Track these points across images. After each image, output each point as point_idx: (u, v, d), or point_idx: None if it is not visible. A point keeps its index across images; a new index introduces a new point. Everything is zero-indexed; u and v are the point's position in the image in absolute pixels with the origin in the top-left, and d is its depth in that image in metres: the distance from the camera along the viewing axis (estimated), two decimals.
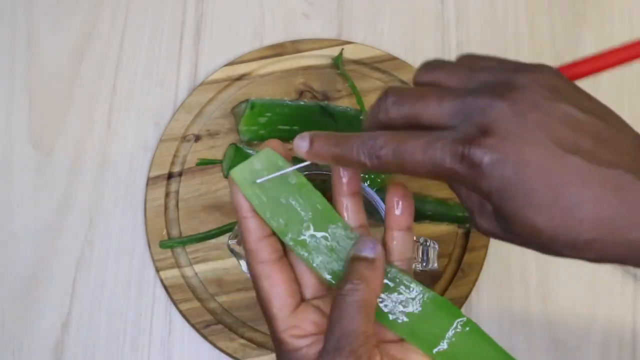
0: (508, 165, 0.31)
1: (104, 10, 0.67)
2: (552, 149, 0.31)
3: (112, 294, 0.59)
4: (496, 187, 0.31)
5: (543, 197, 0.31)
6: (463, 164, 0.31)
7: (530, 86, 0.32)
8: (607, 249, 0.31)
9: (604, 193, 0.31)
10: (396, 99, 0.34)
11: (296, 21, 0.67)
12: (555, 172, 0.31)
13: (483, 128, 0.31)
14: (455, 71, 0.35)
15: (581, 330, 0.58)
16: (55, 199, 0.61)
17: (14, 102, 0.64)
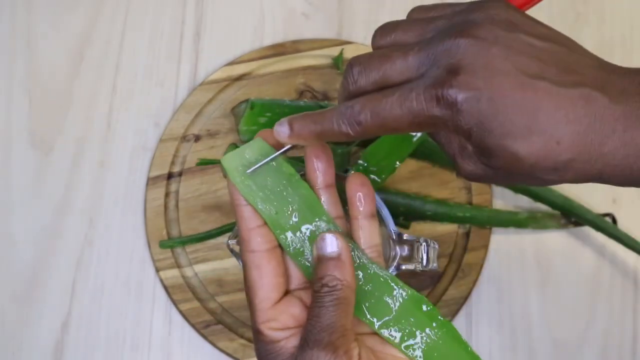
0: (482, 99, 0.31)
1: (104, 11, 0.67)
2: (520, 77, 0.32)
3: (112, 294, 0.59)
4: (475, 122, 0.32)
5: (520, 125, 0.32)
6: (440, 106, 0.32)
7: (487, 21, 0.33)
8: (586, 166, 0.32)
9: (575, 111, 0.32)
10: (361, 68, 0.34)
11: (296, 21, 0.67)
12: (527, 99, 0.32)
13: (451, 68, 0.32)
14: (410, 27, 0.36)
15: (581, 330, 0.58)
16: (55, 199, 0.61)
17: (14, 102, 0.64)
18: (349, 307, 0.35)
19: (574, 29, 0.67)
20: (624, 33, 0.67)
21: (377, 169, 0.59)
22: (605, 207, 0.61)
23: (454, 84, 0.32)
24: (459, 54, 0.32)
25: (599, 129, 0.32)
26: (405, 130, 0.34)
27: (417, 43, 0.34)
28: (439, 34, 0.34)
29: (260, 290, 0.36)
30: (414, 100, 0.32)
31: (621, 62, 0.66)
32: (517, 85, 0.32)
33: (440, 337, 0.37)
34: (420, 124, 0.33)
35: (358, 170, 0.59)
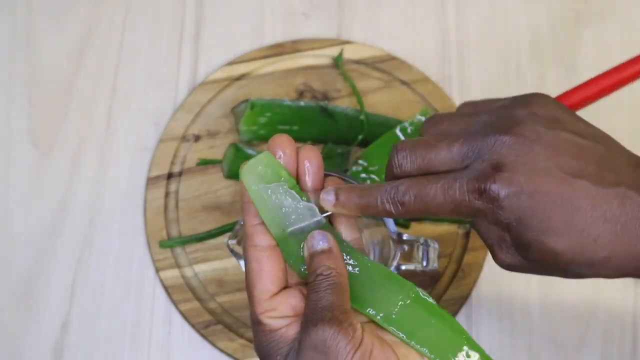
0: (523, 196, 0.33)
1: (104, 10, 0.67)
2: (560, 176, 0.33)
3: (112, 294, 0.59)
4: (515, 218, 0.34)
5: (559, 222, 0.33)
6: (482, 200, 0.34)
7: (530, 118, 0.35)
8: (623, 263, 0.34)
9: (612, 210, 0.33)
10: (406, 153, 0.37)
11: (296, 21, 0.67)
12: (566, 197, 0.33)
13: (495, 164, 0.34)
14: (458, 120, 0.38)
15: (581, 330, 0.58)
16: (55, 199, 0.61)
17: (14, 101, 0.64)
18: (345, 292, 0.36)
19: (574, 29, 0.67)
20: (624, 33, 0.67)
21: (377, 169, 0.59)
22: None
23: (497, 179, 0.33)
24: (503, 151, 0.34)
25: (634, 228, 0.33)
26: (446, 216, 0.35)
27: (462, 135, 0.36)
28: (483, 128, 0.36)
29: (259, 282, 0.37)
30: (457, 190, 0.34)
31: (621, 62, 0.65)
32: (557, 183, 0.33)
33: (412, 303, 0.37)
34: (460, 213, 0.35)
35: (358, 171, 0.59)
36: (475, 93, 0.65)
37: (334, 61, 0.65)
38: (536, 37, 0.67)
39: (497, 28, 0.67)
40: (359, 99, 0.62)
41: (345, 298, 0.35)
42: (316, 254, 0.37)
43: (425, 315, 0.36)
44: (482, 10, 0.68)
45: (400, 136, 0.60)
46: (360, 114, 0.62)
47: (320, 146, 0.62)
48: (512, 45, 0.66)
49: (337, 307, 0.35)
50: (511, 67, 0.66)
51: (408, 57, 0.65)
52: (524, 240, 0.34)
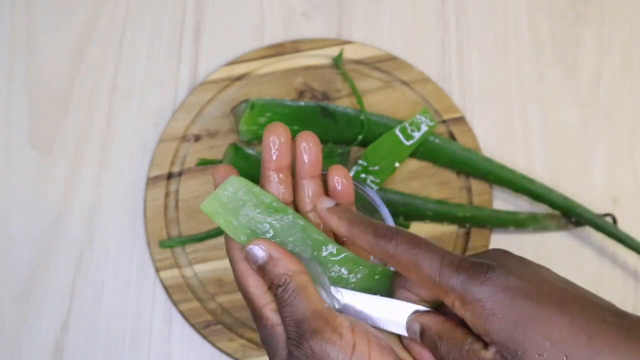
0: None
1: (104, 11, 0.67)
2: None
3: (112, 294, 0.59)
4: None
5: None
6: None
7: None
8: None
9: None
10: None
11: (296, 21, 0.67)
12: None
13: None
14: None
15: None
16: (55, 199, 0.61)
17: (14, 101, 0.64)
18: (308, 291, 0.35)
19: (574, 29, 0.67)
20: (624, 33, 0.67)
21: (377, 169, 0.59)
22: (605, 207, 0.61)
23: None
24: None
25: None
26: None
27: None
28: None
29: (250, 278, 0.37)
30: None
31: (621, 62, 0.66)
32: None
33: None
34: None
35: (358, 171, 0.59)
36: (475, 93, 0.65)
37: (334, 61, 0.65)
38: (536, 37, 0.67)
39: (497, 28, 0.67)
40: (359, 99, 0.62)
41: (312, 297, 0.35)
42: (261, 267, 0.36)
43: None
44: (482, 10, 0.68)
45: (400, 136, 0.60)
46: (360, 114, 0.62)
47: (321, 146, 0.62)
48: (512, 45, 0.66)
49: (310, 315, 0.34)
50: (511, 67, 0.66)
51: (408, 57, 0.65)
52: None
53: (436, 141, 0.61)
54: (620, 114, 0.64)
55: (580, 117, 0.64)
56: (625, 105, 0.65)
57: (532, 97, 0.65)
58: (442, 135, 0.62)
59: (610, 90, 0.65)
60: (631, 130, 0.64)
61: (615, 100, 0.65)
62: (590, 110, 0.64)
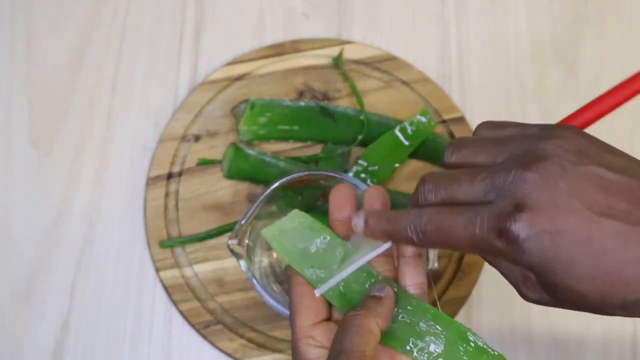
0: (545, 238, 0.31)
1: (104, 10, 0.67)
2: (586, 215, 0.31)
3: (112, 294, 0.59)
4: (537, 261, 0.32)
5: (585, 266, 0.31)
6: (502, 240, 0.32)
7: (556, 153, 0.33)
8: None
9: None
10: (432, 186, 0.36)
11: (296, 21, 0.67)
12: (593, 238, 0.31)
13: (516, 203, 0.32)
14: (480, 147, 0.36)
15: (581, 330, 0.58)
16: (55, 199, 0.61)
17: (14, 102, 0.64)
18: (370, 335, 0.36)
19: (574, 29, 0.67)
20: (624, 33, 0.67)
21: (377, 169, 0.59)
22: None
23: (518, 219, 0.31)
24: (525, 188, 0.32)
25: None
26: (465, 251, 0.35)
27: (486, 167, 0.35)
28: (507, 161, 0.34)
29: (300, 312, 0.39)
30: (477, 227, 0.33)
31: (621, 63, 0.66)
32: (583, 224, 0.31)
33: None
34: (480, 250, 0.34)
35: (358, 170, 0.59)
36: (475, 93, 0.65)
37: (334, 61, 0.65)
38: (536, 37, 0.67)
39: (497, 28, 0.67)
40: (359, 99, 0.62)
41: (368, 342, 0.36)
42: (369, 297, 0.38)
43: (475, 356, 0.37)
44: (482, 11, 0.68)
45: (400, 136, 0.60)
46: (360, 114, 0.62)
47: (320, 146, 0.62)
48: (512, 45, 0.66)
49: (354, 353, 0.35)
50: (511, 67, 0.66)
51: (408, 57, 0.65)
52: (550, 283, 0.32)
53: (436, 141, 0.61)
54: (620, 114, 0.64)
55: None
56: (625, 105, 0.65)
57: (532, 97, 0.65)
58: (442, 135, 0.62)
59: None
60: (631, 131, 0.64)
61: None
62: None
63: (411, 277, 0.40)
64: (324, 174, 0.50)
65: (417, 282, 0.40)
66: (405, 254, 0.40)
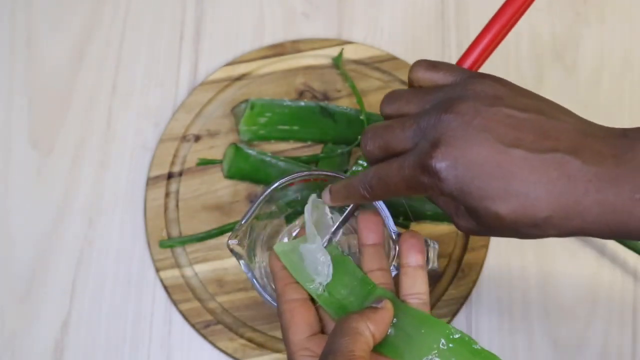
0: (459, 167, 0.36)
1: (104, 10, 0.67)
2: (496, 145, 0.35)
3: (112, 294, 0.59)
4: (455, 188, 0.36)
5: (495, 188, 0.35)
6: (425, 175, 0.36)
7: (474, 97, 0.37)
8: (564, 222, 0.35)
9: (549, 174, 0.35)
10: (370, 135, 0.40)
11: (296, 21, 0.67)
12: (501, 164, 0.35)
13: (434, 141, 0.36)
14: (411, 98, 0.40)
15: (581, 330, 0.58)
16: (55, 199, 0.61)
17: (14, 102, 0.64)
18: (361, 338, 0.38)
19: (574, 29, 0.67)
20: (624, 33, 0.67)
21: None
22: None
23: (434, 154, 0.36)
24: (442, 128, 0.36)
25: (572, 190, 0.35)
26: (405, 193, 0.39)
27: (414, 115, 0.39)
28: (431, 108, 0.38)
29: (292, 327, 0.41)
30: (406, 169, 0.37)
31: (621, 63, 0.66)
32: (492, 152, 0.35)
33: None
34: (414, 189, 0.38)
35: (358, 170, 0.59)
36: None
37: (334, 61, 0.65)
38: (536, 37, 0.67)
39: None
40: (359, 99, 0.62)
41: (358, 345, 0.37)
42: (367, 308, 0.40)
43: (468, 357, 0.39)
44: (482, 10, 0.68)
45: None
46: (360, 114, 0.62)
47: (320, 146, 0.62)
48: (512, 45, 0.66)
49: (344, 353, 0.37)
50: (511, 67, 0.66)
51: (408, 57, 0.65)
52: (469, 206, 0.36)
53: None
54: (620, 114, 0.64)
55: None
56: (625, 105, 0.65)
57: None
58: None
59: (610, 90, 0.65)
60: None
61: (615, 100, 0.65)
62: (590, 110, 0.64)
63: (410, 287, 0.42)
64: (324, 174, 0.50)
65: (417, 292, 0.42)
66: (406, 264, 0.43)
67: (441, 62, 0.42)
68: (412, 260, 0.43)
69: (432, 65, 0.41)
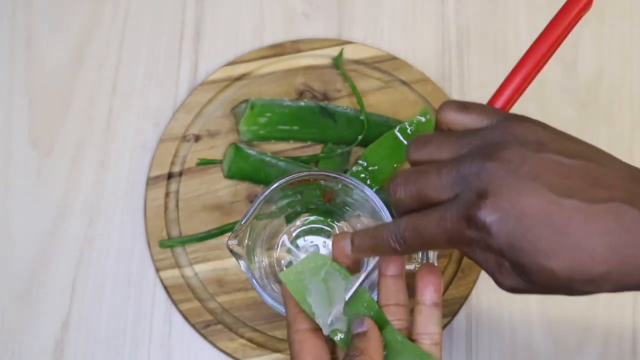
0: (510, 221, 0.33)
1: (104, 10, 0.67)
2: (547, 196, 0.33)
3: (112, 294, 0.59)
4: (505, 243, 0.33)
5: (550, 242, 0.33)
6: (471, 229, 0.34)
7: (516, 142, 0.35)
8: (623, 278, 0.33)
9: (607, 226, 0.33)
10: (401, 181, 0.37)
11: (296, 21, 0.67)
12: (555, 216, 0.33)
13: (481, 192, 0.34)
14: (443, 142, 0.38)
15: (581, 331, 0.58)
16: (55, 199, 0.61)
17: (14, 102, 0.64)
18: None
19: (574, 29, 0.67)
20: (624, 33, 0.67)
21: (377, 169, 0.59)
22: None
23: (482, 206, 0.33)
24: (488, 177, 0.34)
25: (631, 242, 0.32)
26: (443, 247, 0.36)
27: (450, 160, 0.36)
28: (469, 153, 0.36)
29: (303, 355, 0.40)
30: (448, 222, 0.35)
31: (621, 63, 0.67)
32: (544, 203, 0.33)
33: None
34: (455, 243, 0.35)
35: (358, 170, 0.59)
36: (475, 93, 0.65)
37: (334, 61, 0.65)
38: (536, 37, 0.67)
39: (497, 28, 0.67)
40: (359, 99, 0.62)
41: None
42: (353, 336, 0.39)
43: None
44: (482, 10, 0.68)
45: (399, 136, 0.60)
46: (360, 114, 0.62)
47: (320, 146, 0.62)
48: (512, 45, 0.66)
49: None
50: (511, 67, 0.66)
51: (408, 57, 0.65)
52: (520, 263, 0.34)
53: None
54: (620, 114, 0.64)
55: (580, 117, 0.64)
56: (625, 105, 0.65)
57: (532, 97, 0.65)
58: None
59: (610, 90, 0.65)
60: (631, 130, 0.64)
61: (615, 100, 0.65)
62: (590, 110, 0.65)
63: (424, 327, 0.40)
64: (324, 174, 0.50)
65: (430, 332, 0.40)
66: (422, 302, 0.41)
67: (472, 102, 0.39)
68: (427, 299, 0.40)
69: (463, 106, 0.39)
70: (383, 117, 0.62)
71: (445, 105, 0.39)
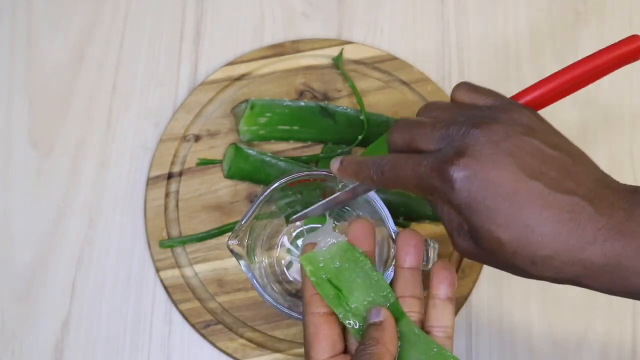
0: (475, 182, 0.36)
1: (104, 10, 0.67)
2: (517, 173, 0.36)
3: (112, 294, 0.59)
4: (464, 201, 0.36)
5: (504, 214, 0.35)
6: (439, 179, 0.37)
7: (508, 121, 0.38)
8: (564, 267, 0.36)
9: (562, 215, 0.35)
10: (402, 125, 0.41)
11: (296, 21, 0.67)
12: (517, 192, 0.35)
13: (459, 150, 0.37)
14: (449, 109, 0.41)
15: (581, 330, 0.58)
16: (55, 199, 0.61)
17: (14, 102, 0.64)
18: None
19: (574, 29, 0.67)
20: (624, 33, 0.67)
21: None
22: None
23: (455, 162, 0.36)
24: (470, 141, 0.37)
25: (580, 235, 0.35)
26: (411, 190, 0.39)
27: (446, 121, 0.39)
28: (464, 120, 0.38)
29: (316, 344, 0.40)
30: (422, 167, 0.38)
31: None
32: (512, 178, 0.35)
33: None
34: (422, 189, 0.38)
35: None
36: None
37: (334, 61, 0.65)
38: (536, 37, 0.67)
39: (497, 28, 0.67)
40: (359, 99, 0.62)
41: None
42: (369, 325, 0.39)
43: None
44: (482, 10, 0.68)
45: None
46: (360, 114, 0.62)
47: (320, 146, 0.62)
48: (512, 45, 0.66)
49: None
50: (511, 67, 0.66)
51: (408, 57, 0.65)
52: (472, 225, 0.36)
53: None
54: (620, 114, 0.64)
55: (580, 117, 0.64)
56: (625, 105, 0.65)
57: None
58: None
59: (610, 90, 0.65)
60: (631, 130, 0.64)
61: (615, 100, 0.65)
62: (590, 110, 0.65)
63: (437, 319, 0.41)
64: (323, 174, 0.50)
65: (443, 325, 0.41)
66: (436, 296, 0.41)
67: (483, 87, 0.42)
68: (442, 293, 0.41)
69: (474, 88, 0.42)
70: (383, 117, 0.62)
71: (459, 85, 0.42)
